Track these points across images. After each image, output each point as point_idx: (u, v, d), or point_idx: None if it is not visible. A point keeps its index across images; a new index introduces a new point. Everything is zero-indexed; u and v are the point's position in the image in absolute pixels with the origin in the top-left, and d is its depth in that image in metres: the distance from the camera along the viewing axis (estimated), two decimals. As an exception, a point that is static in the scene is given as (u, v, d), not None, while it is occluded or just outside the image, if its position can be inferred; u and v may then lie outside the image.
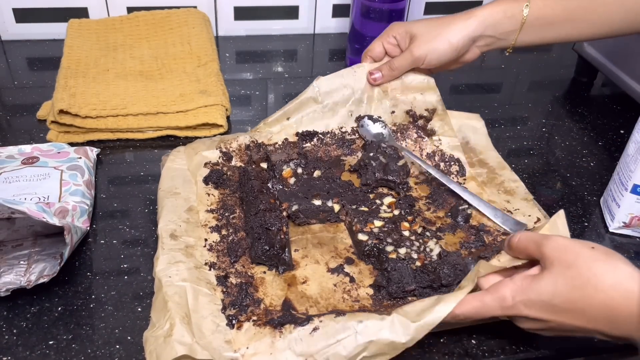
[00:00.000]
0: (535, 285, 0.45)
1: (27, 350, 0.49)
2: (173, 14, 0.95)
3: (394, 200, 0.65)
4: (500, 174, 0.69)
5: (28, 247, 0.56)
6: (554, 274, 0.44)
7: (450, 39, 0.66)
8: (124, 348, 0.50)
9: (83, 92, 0.76)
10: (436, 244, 0.59)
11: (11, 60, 0.92)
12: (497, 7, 0.66)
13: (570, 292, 0.43)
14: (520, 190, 0.67)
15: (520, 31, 0.66)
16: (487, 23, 0.66)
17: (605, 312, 0.43)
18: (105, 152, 0.73)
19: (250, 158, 0.68)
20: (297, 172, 0.68)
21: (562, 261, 0.44)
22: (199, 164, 0.66)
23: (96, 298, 0.54)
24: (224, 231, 0.59)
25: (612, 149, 0.81)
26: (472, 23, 0.66)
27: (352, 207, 0.63)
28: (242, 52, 1.01)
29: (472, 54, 0.69)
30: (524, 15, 0.65)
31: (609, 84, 0.98)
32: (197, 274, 0.53)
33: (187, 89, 0.80)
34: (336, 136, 0.72)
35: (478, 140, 0.74)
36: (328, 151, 0.71)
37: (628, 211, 0.63)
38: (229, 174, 0.66)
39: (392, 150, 0.69)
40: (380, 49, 0.71)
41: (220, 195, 0.64)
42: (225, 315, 0.50)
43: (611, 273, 0.43)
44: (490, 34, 0.67)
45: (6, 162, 0.64)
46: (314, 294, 0.54)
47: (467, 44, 0.67)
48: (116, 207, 0.65)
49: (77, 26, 0.92)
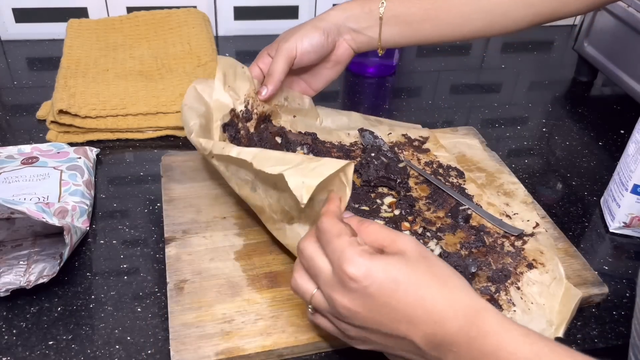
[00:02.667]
0: (388, 259, 0.39)
1: (27, 350, 0.49)
2: (173, 14, 0.95)
3: (395, 200, 0.65)
4: (499, 177, 0.70)
5: (28, 247, 0.56)
6: (411, 261, 0.40)
7: (314, 23, 0.67)
8: (124, 348, 0.49)
9: (83, 92, 0.76)
10: (437, 244, 0.59)
11: (11, 60, 0.92)
12: (355, 2, 0.68)
13: (428, 283, 0.39)
14: (520, 192, 0.67)
15: (381, 28, 0.67)
16: (346, 13, 0.67)
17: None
18: (105, 152, 0.73)
19: (267, 128, 0.69)
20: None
21: (418, 252, 0.40)
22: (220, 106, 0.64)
23: (96, 298, 0.54)
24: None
25: (612, 149, 0.81)
26: (331, 12, 0.68)
27: (354, 206, 0.63)
28: (242, 52, 1.00)
29: (343, 49, 0.69)
30: (380, 12, 0.66)
31: (609, 84, 0.98)
32: None
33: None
34: (335, 144, 0.73)
35: (474, 155, 0.74)
36: (329, 153, 0.71)
37: (628, 211, 0.63)
38: (242, 132, 0.66)
39: (392, 154, 0.69)
40: (256, 70, 0.69)
41: None
42: None
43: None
44: (353, 27, 0.67)
45: (6, 162, 0.64)
46: None
47: (332, 29, 0.67)
48: (116, 207, 0.65)
49: (76, 26, 0.92)
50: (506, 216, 0.63)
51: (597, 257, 0.63)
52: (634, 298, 0.58)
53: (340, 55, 0.70)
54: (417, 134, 0.75)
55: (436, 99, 0.91)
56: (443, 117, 0.85)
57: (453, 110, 0.88)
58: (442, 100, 0.90)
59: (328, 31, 0.67)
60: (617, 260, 0.63)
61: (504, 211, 0.64)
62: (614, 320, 0.55)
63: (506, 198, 0.66)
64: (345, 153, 0.71)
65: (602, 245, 0.65)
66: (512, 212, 0.64)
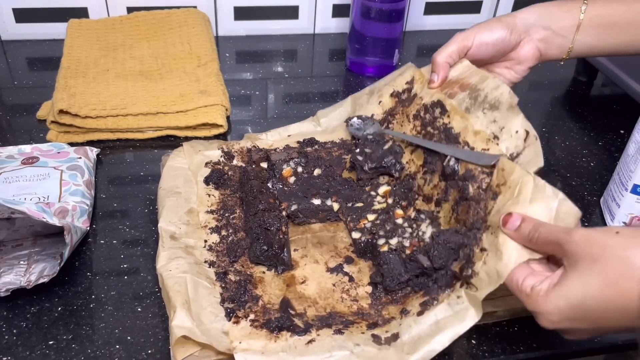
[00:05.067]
0: (561, 290, 0.40)
1: (27, 350, 0.49)
2: (173, 14, 0.95)
3: (389, 189, 0.64)
4: (483, 87, 0.60)
5: (28, 247, 0.56)
6: (580, 273, 0.40)
7: (500, 18, 0.63)
8: (124, 348, 0.50)
9: (83, 92, 0.76)
10: (428, 225, 0.57)
11: (11, 60, 0.92)
12: (554, 2, 0.63)
13: (603, 291, 0.39)
14: (505, 96, 0.58)
15: (579, 29, 0.62)
16: (540, 11, 0.63)
17: None
18: (105, 152, 0.73)
19: (250, 158, 0.68)
20: (297, 170, 0.68)
21: (588, 256, 0.39)
22: (200, 164, 0.66)
23: (96, 298, 0.54)
24: (223, 232, 0.59)
25: (612, 149, 0.81)
26: (524, 9, 0.63)
27: (348, 205, 0.63)
28: (242, 52, 1.01)
29: (529, 48, 0.64)
30: (582, 9, 0.61)
31: (609, 84, 0.98)
32: (197, 269, 0.53)
33: (187, 89, 0.80)
34: (336, 142, 0.72)
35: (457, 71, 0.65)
36: (329, 152, 0.71)
37: (628, 211, 0.63)
38: (230, 173, 0.67)
39: (376, 138, 0.67)
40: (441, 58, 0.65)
41: (221, 195, 0.64)
42: (224, 307, 0.51)
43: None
44: (546, 25, 0.62)
45: (6, 162, 0.64)
46: (312, 294, 0.54)
47: (518, 26, 0.62)
48: (116, 207, 0.65)
49: (77, 26, 0.92)
50: (494, 138, 0.56)
51: (597, 257, 0.63)
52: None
53: (523, 55, 0.64)
54: (403, 82, 0.70)
55: (436, 99, 0.90)
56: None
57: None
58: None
59: (513, 26, 0.62)
60: (617, 260, 0.63)
61: (492, 133, 0.57)
62: (613, 320, 0.55)
63: (492, 113, 0.58)
64: (347, 149, 0.71)
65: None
66: (500, 127, 0.57)
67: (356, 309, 0.53)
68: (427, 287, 0.52)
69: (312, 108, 0.85)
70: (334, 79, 0.94)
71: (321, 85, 0.92)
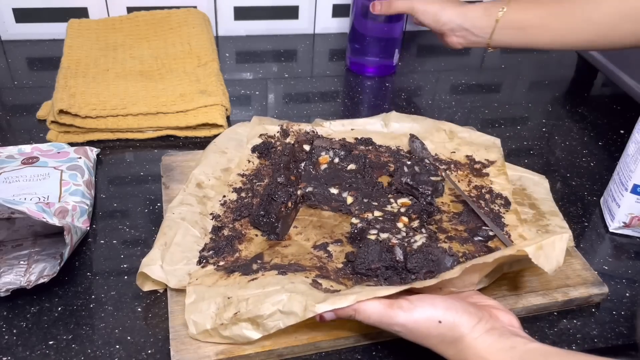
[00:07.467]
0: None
1: (27, 350, 0.49)
2: (173, 14, 0.95)
3: (409, 202, 0.63)
4: (549, 219, 0.63)
5: (28, 247, 0.56)
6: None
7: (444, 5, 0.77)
8: (124, 348, 0.50)
9: (83, 92, 0.76)
10: (423, 238, 0.57)
11: (11, 60, 0.92)
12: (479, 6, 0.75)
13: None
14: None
15: (494, 30, 0.74)
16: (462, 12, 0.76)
17: None
18: (105, 152, 0.73)
19: (298, 138, 0.71)
20: (334, 161, 0.67)
21: None
22: (256, 134, 0.72)
23: (96, 298, 0.54)
24: (243, 193, 0.64)
25: (612, 149, 0.81)
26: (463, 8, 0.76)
27: (364, 201, 0.63)
28: (242, 52, 1.01)
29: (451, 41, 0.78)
30: (499, 15, 0.73)
31: (609, 84, 0.98)
32: (198, 218, 0.58)
33: (187, 89, 0.80)
34: (391, 149, 0.72)
35: (535, 192, 0.68)
36: (379, 156, 0.71)
37: (628, 211, 0.63)
38: (278, 148, 0.70)
39: (431, 167, 0.67)
40: None
41: (260, 164, 0.68)
42: (200, 254, 0.55)
43: None
44: (467, 27, 0.76)
45: (6, 162, 0.64)
46: (287, 253, 0.56)
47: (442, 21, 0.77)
48: (116, 207, 0.65)
49: (77, 26, 0.92)
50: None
51: (597, 257, 0.63)
52: (634, 298, 0.58)
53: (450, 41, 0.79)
54: (483, 157, 0.72)
55: (436, 99, 0.91)
56: (443, 117, 0.85)
57: (453, 110, 0.88)
58: (442, 100, 0.90)
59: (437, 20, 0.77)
60: (617, 260, 0.63)
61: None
62: (613, 320, 0.55)
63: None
64: (397, 159, 0.70)
65: (602, 245, 0.65)
66: None
67: (318, 265, 0.54)
68: (392, 282, 0.53)
69: (312, 108, 0.85)
70: (334, 79, 0.94)
71: (321, 85, 0.92)
